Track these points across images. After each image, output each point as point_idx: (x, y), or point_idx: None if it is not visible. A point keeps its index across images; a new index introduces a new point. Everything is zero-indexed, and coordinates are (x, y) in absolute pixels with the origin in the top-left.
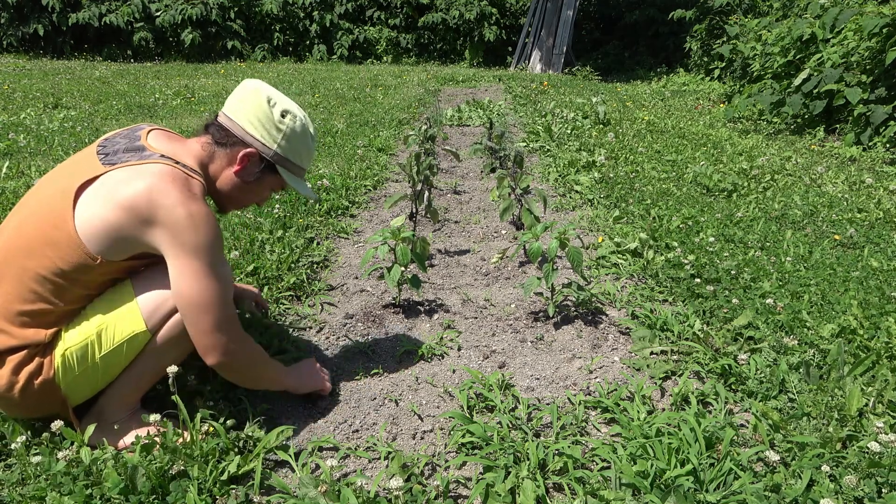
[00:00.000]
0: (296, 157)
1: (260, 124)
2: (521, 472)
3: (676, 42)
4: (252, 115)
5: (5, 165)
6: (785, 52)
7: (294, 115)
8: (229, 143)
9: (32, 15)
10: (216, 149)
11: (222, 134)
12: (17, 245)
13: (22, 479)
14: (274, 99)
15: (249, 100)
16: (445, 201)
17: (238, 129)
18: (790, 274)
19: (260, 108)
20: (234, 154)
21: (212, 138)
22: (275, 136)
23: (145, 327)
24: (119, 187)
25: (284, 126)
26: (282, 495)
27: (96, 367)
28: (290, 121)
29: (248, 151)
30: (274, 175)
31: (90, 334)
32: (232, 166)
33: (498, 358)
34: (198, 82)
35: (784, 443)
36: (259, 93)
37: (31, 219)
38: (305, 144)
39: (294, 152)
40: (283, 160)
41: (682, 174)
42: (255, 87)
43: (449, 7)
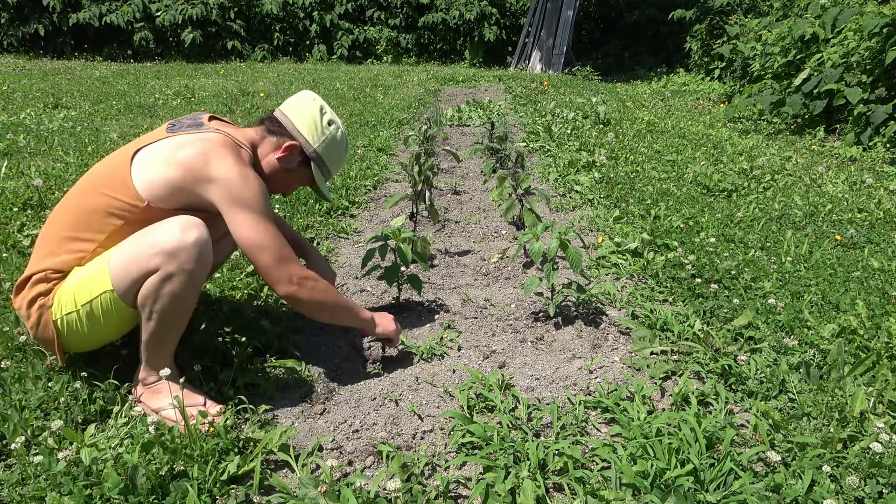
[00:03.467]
0: (329, 160)
1: (309, 125)
2: (522, 472)
3: (676, 42)
4: (305, 116)
5: (5, 165)
6: (785, 52)
7: (337, 126)
8: (279, 133)
9: (33, 15)
10: (267, 136)
11: (275, 125)
12: (83, 188)
13: (22, 479)
14: (325, 109)
15: (306, 104)
16: (445, 201)
17: (290, 123)
18: (790, 274)
19: (312, 113)
20: (280, 142)
21: (265, 128)
22: (318, 138)
23: (112, 287)
24: (179, 149)
25: (328, 132)
26: (282, 495)
27: (80, 316)
28: (333, 129)
29: (293, 143)
30: (307, 170)
31: (74, 284)
32: (276, 152)
33: (498, 358)
34: (198, 82)
35: (784, 443)
36: (315, 101)
37: (98, 168)
38: (339, 152)
39: (329, 156)
40: (319, 159)
41: (683, 174)
42: (313, 96)
43: (449, 7)
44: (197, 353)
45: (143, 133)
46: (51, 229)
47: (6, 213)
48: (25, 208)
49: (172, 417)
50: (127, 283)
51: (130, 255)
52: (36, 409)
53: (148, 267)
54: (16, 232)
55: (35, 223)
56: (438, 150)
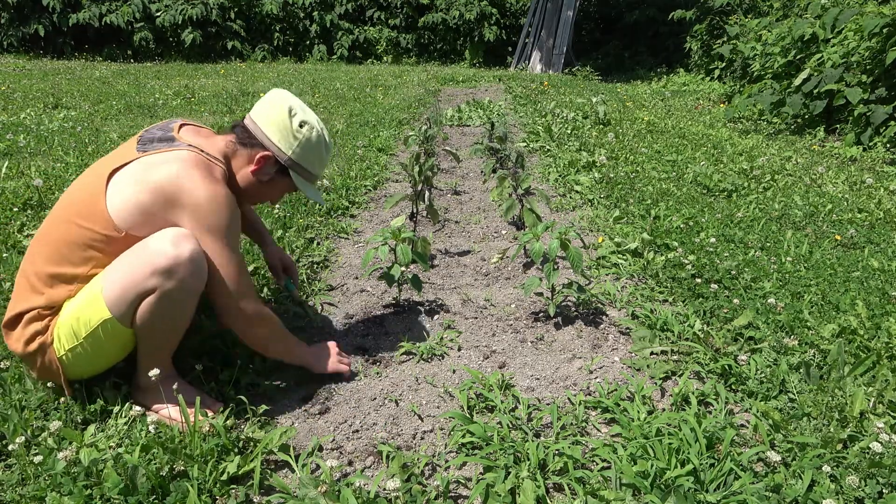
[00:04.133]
0: (308, 164)
1: (279, 131)
2: (522, 472)
3: (676, 42)
4: (273, 122)
5: (5, 165)
6: (785, 52)
7: (311, 127)
8: (250, 143)
9: (33, 15)
10: (238, 147)
11: (245, 135)
12: (59, 216)
13: (22, 480)
14: (295, 110)
15: (273, 108)
16: (445, 201)
17: (260, 132)
18: (790, 274)
19: (281, 117)
20: (252, 154)
21: (236, 138)
22: (291, 144)
23: (110, 314)
24: (149, 170)
25: (301, 135)
26: (282, 495)
27: (85, 348)
28: (306, 131)
29: (265, 154)
30: (286, 178)
31: (71, 317)
32: (250, 166)
33: (498, 358)
34: (198, 82)
35: (784, 443)
36: (283, 102)
37: (74, 195)
38: (318, 154)
39: (307, 160)
40: (296, 166)
41: (683, 174)
42: (281, 97)
43: (449, 7)
44: (197, 353)
45: None
46: (31, 265)
47: (6, 213)
48: (25, 208)
49: (172, 416)
50: (124, 308)
51: (124, 279)
52: (36, 409)
53: (145, 288)
54: (16, 232)
55: (35, 223)
56: (438, 150)
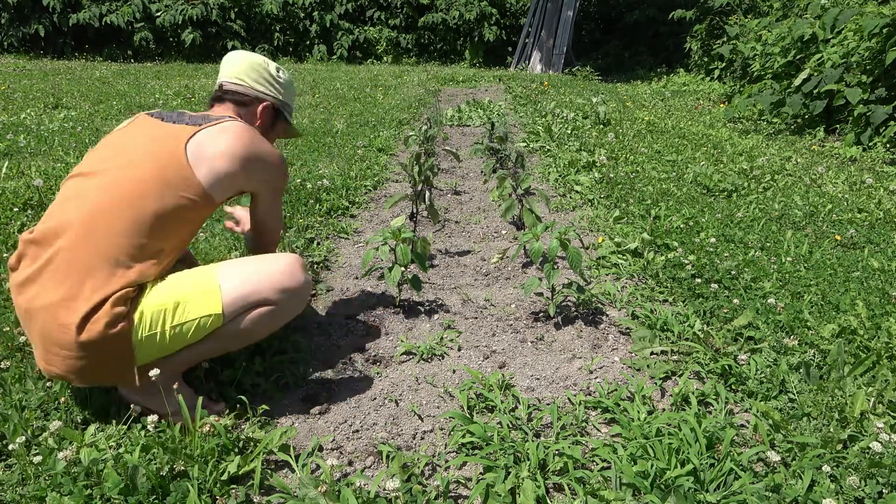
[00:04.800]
0: (289, 100)
1: (265, 81)
2: (522, 472)
3: (676, 42)
4: (257, 76)
5: (5, 165)
6: (785, 52)
7: (283, 69)
8: (247, 102)
9: (33, 15)
10: (240, 109)
11: (238, 97)
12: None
13: (22, 480)
14: (266, 60)
15: (248, 65)
16: (445, 201)
17: (249, 89)
18: (790, 274)
19: (261, 67)
20: (253, 110)
21: (232, 103)
22: (277, 88)
23: (221, 311)
24: (220, 138)
25: (282, 78)
26: (282, 495)
27: (164, 335)
28: (283, 74)
29: (266, 104)
30: (280, 120)
31: (167, 302)
32: (255, 121)
33: (498, 358)
34: (198, 82)
35: (784, 443)
36: (253, 59)
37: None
38: (293, 89)
39: (288, 96)
40: (285, 105)
41: (683, 174)
42: (247, 55)
43: (449, 7)
44: None
45: None
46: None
47: (6, 213)
48: (25, 208)
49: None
50: (236, 309)
51: (251, 282)
52: (36, 409)
53: (268, 298)
54: (16, 232)
55: (35, 223)
56: (438, 151)
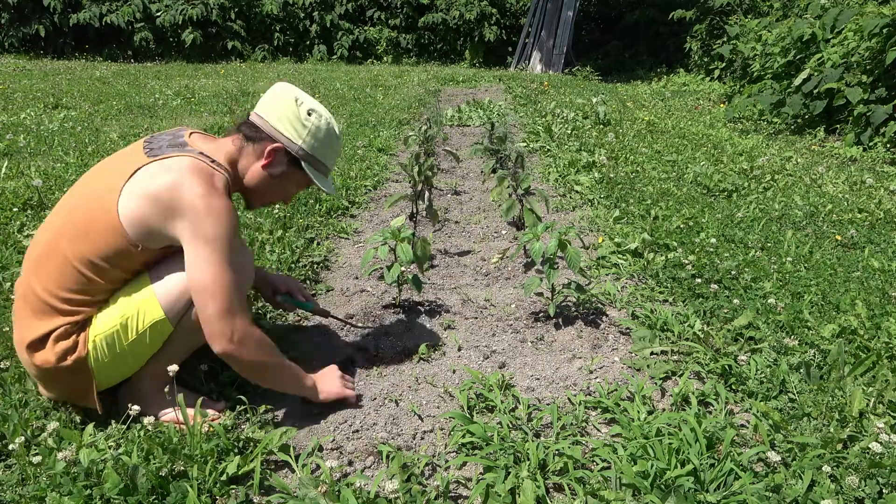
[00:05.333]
0: (320, 154)
1: (287, 121)
2: (522, 472)
3: (676, 42)
4: (280, 113)
5: (5, 165)
6: (785, 52)
7: (319, 115)
8: (258, 138)
9: (34, 15)
10: (246, 144)
11: (252, 130)
12: (68, 230)
13: (22, 480)
14: (301, 99)
15: (279, 99)
16: (445, 201)
17: (267, 126)
18: (791, 274)
19: (288, 107)
20: (262, 148)
21: (242, 135)
22: (301, 133)
23: (164, 316)
24: (150, 180)
25: (310, 124)
26: (282, 495)
27: (125, 354)
28: (315, 119)
29: (276, 146)
30: (299, 171)
31: (115, 323)
32: (260, 160)
33: (498, 358)
34: (198, 82)
35: (785, 443)
36: (289, 93)
37: (82, 207)
38: (329, 142)
39: (318, 149)
40: (308, 156)
41: (683, 174)
42: (285, 88)
43: (449, 7)
44: (197, 354)
45: (143, 134)
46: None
47: (6, 213)
48: (25, 208)
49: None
50: (178, 309)
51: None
52: (36, 409)
53: None
54: (16, 232)
55: (35, 223)
56: (438, 151)
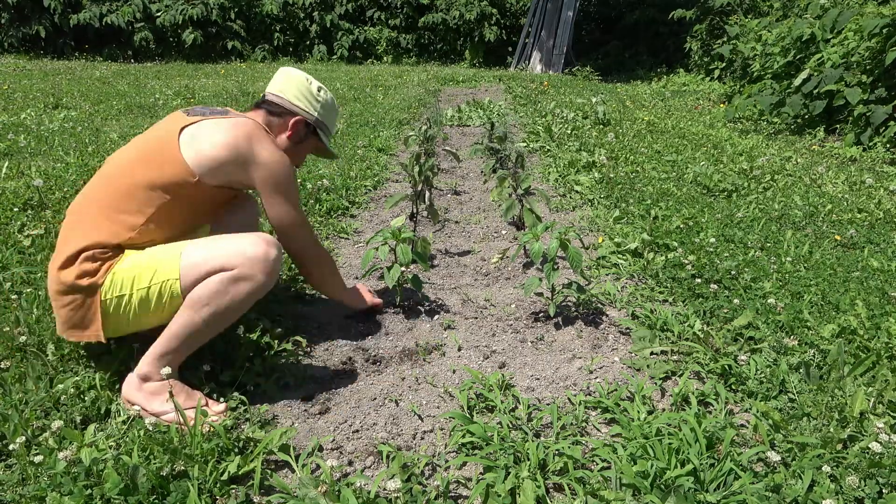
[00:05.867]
0: (329, 122)
1: (303, 97)
2: (522, 472)
3: (676, 42)
4: (297, 91)
5: (5, 165)
6: (785, 52)
7: (325, 90)
8: (280, 113)
9: (33, 15)
10: (271, 118)
11: (274, 107)
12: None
13: (22, 480)
14: (311, 78)
15: (293, 80)
16: (445, 201)
17: (287, 102)
18: (790, 274)
19: (302, 85)
20: (285, 122)
21: (266, 112)
22: (315, 106)
23: (177, 276)
24: (223, 129)
25: (321, 97)
26: (282, 495)
27: (130, 298)
28: (324, 94)
29: (298, 119)
30: (313, 137)
31: (135, 268)
32: (284, 132)
33: (498, 358)
34: (198, 82)
35: (784, 443)
36: (298, 74)
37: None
38: (334, 112)
39: (328, 118)
40: (321, 124)
41: (683, 174)
42: (293, 71)
43: (449, 7)
44: (198, 354)
45: None
46: (90, 206)
47: (6, 213)
48: (25, 208)
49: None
50: (194, 276)
51: (209, 251)
52: (36, 409)
53: (224, 265)
54: (16, 232)
55: (35, 223)
56: (438, 151)
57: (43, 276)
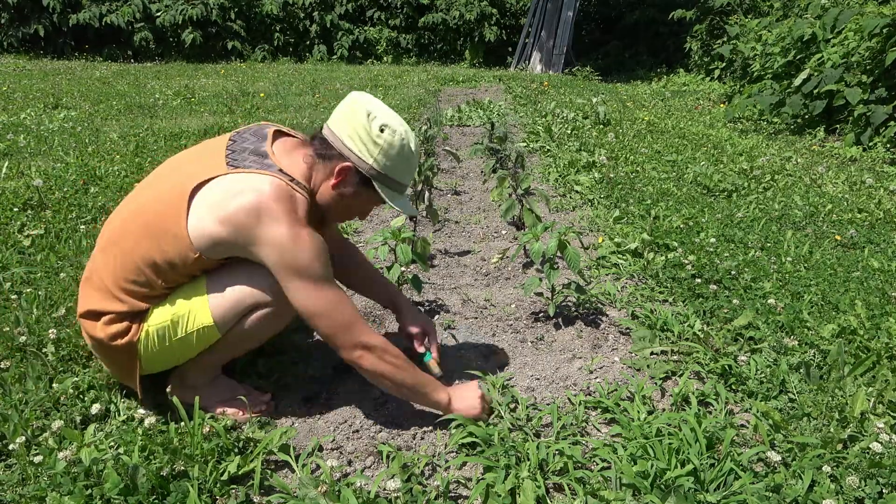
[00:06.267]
0: (393, 173)
1: (358, 138)
2: (522, 472)
3: (676, 42)
4: (351, 129)
5: (5, 165)
6: (785, 52)
7: (393, 130)
8: (329, 155)
9: (33, 15)
10: (317, 161)
11: (324, 146)
12: (135, 225)
13: (22, 480)
14: (374, 113)
15: (350, 113)
16: (445, 201)
17: (338, 142)
18: (790, 274)
19: (359, 122)
20: (332, 167)
21: (314, 150)
22: (371, 151)
23: (213, 323)
24: (227, 200)
25: (382, 141)
26: (282, 495)
27: (173, 348)
28: (388, 135)
29: (345, 165)
30: (370, 190)
31: (167, 318)
32: (330, 179)
33: (498, 358)
34: (198, 82)
35: (785, 443)
36: (361, 106)
37: (151, 207)
38: (404, 160)
39: (391, 168)
40: (380, 175)
41: (683, 174)
42: (358, 100)
43: (449, 7)
44: None
45: (143, 134)
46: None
47: (6, 213)
48: (25, 208)
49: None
50: (229, 318)
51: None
52: (36, 409)
53: (258, 301)
54: (16, 232)
55: (35, 223)
56: (438, 151)
57: (43, 276)
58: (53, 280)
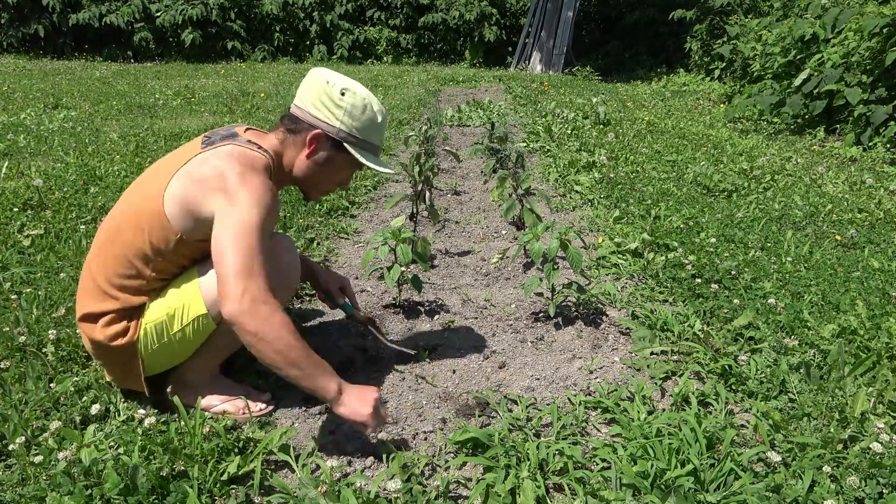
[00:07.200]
0: (362, 133)
1: (322, 105)
2: (522, 472)
3: (676, 42)
4: (315, 98)
5: (5, 165)
6: (785, 52)
7: (354, 92)
8: (298, 129)
9: (33, 15)
10: (288, 136)
11: (292, 122)
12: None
13: (22, 480)
14: (332, 80)
15: (311, 85)
16: (446, 201)
17: (304, 114)
18: (791, 274)
19: (321, 90)
20: (304, 138)
21: (284, 128)
22: (336, 114)
23: (206, 311)
24: (199, 165)
25: (344, 103)
26: (282, 496)
27: (172, 343)
28: (349, 98)
29: (315, 133)
30: (344, 153)
31: (163, 313)
32: (304, 151)
33: (498, 358)
34: (198, 82)
35: (785, 443)
36: (320, 77)
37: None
38: (369, 118)
39: (359, 129)
40: (349, 136)
41: (683, 174)
42: (317, 73)
43: (449, 7)
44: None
45: (144, 134)
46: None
47: (6, 213)
48: (25, 208)
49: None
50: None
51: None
52: (36, 409)
53: None
54: (16, 232)
55: (35, 223)
56: (438, 151)
57: (43, 276)
58: (53, 280)
